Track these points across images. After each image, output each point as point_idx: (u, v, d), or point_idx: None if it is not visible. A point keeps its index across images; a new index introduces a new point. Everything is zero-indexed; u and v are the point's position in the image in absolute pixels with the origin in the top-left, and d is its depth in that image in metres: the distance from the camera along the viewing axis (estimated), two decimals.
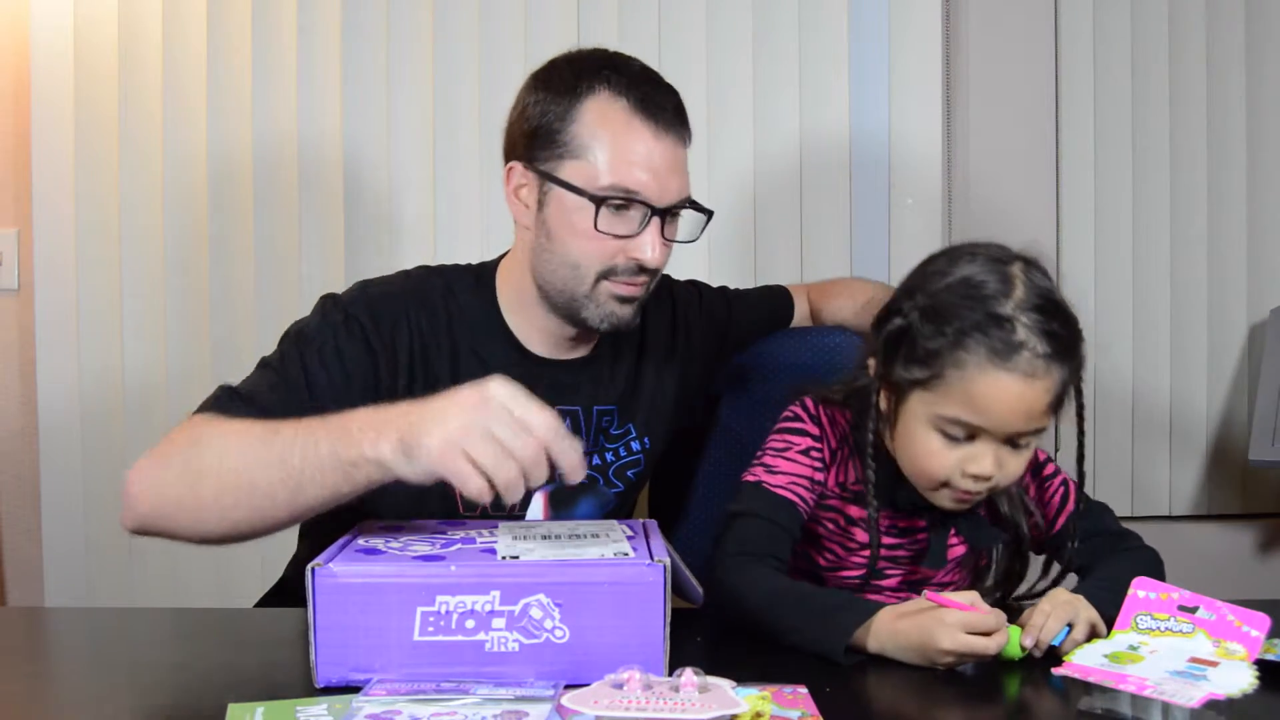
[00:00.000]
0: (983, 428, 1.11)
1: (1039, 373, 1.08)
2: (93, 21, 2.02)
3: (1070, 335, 1.11)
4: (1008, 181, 2.09)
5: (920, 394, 1.13)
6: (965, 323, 1.09)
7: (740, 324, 1.59)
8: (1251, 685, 0.92)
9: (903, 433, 1.16)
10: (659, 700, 0.84)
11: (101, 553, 2.06)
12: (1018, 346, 1.08)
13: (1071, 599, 1.06)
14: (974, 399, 1.09)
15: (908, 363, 1.13)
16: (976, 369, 1.08)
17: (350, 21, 2.04)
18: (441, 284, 1.36)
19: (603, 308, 1.30)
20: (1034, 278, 1.12)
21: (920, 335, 1.12)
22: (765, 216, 2.10)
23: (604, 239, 1.26)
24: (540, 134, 1.28)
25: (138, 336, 2.06)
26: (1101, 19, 2.14)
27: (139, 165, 2.04)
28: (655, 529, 1.10)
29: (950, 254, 1.17)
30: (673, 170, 1.28)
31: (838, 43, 2.09)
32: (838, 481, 1.25)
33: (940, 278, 1.14)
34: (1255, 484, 2.19)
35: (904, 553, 1.25)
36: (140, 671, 1.06)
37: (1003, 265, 1.12)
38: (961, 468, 1.13)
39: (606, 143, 1.25)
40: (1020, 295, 1.10)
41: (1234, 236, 2.17)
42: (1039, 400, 1.10)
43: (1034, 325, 1.08)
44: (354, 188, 2.06)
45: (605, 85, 1.27)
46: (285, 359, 1.27)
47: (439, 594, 0.93)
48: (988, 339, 1.08)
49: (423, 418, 1.01)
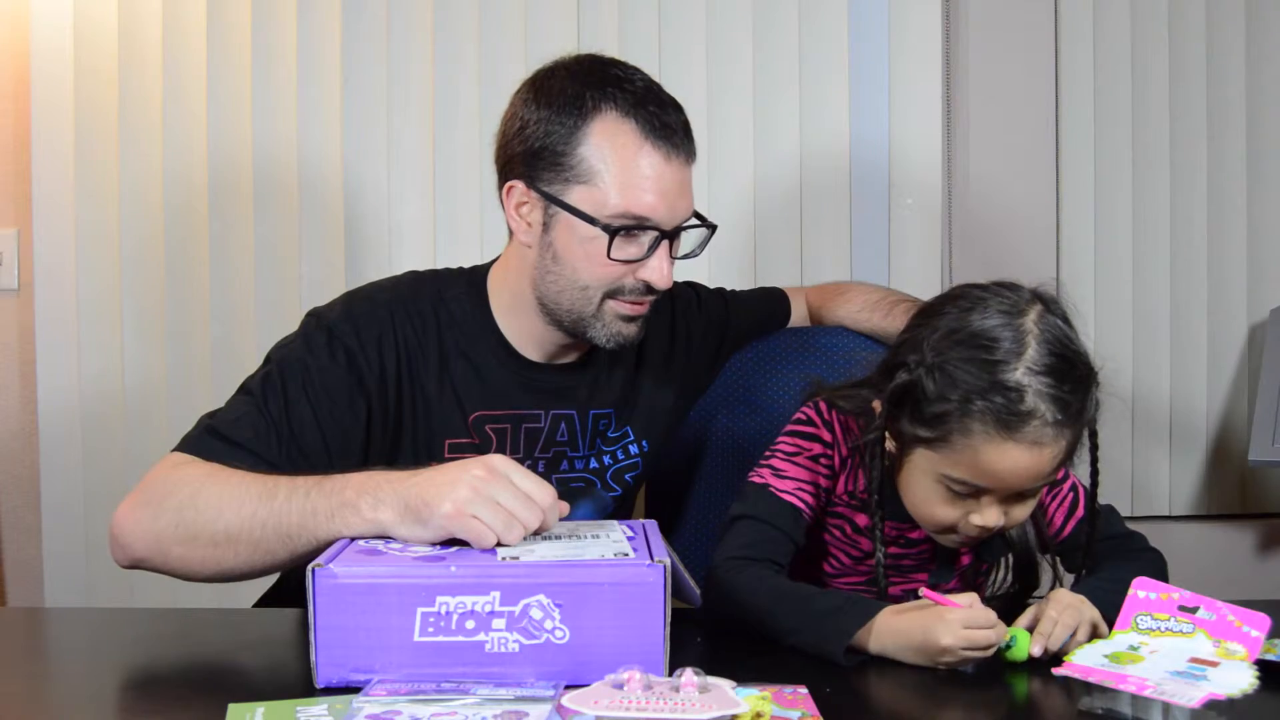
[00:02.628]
0: (988, 489, 1.10)
1: (1047, 440, 1.06)
2: (93, 21, 2.02)
3: (1082, 395, 1.08)
4: (1008, 182, 2.09)
5: (925, 451, 1.11)
6: (973, 389, 1.06)
7: (738, 325, 1.59)
8: (1251, 685, 0.92)
9: (907, 480, 1.15)
10: (659, 700, 0.84)
11: (101, 553, 2.03)
12: (1026, 417, 1.05)
13: (1075, 601, 1.06)
14: (980, 465, 1.08)
15: (913, 421, 1.11)
16: (983, 438, 1.06)
17: (350, 22, 2.04)
18: (432, 290, 1.35)
19: (609, 327, 1.30)
20: (1047, 329, 1.08)
21: (926, 396, 1.09)
22: (766, 221, 2.10)
23: (614, 265, 1.25)
24: (544, 155, 1.26)
25: (138, 336, 2.06)
26: (1101, 19, 2.14)
27: (139, 165, 2.04)
28: (655, 529, 1.10)
29: (960, 300, 1.13)
30: (681, 192, 1.27)
31: (838, 48, 2.09)
32: (846, 489, 1.24)
33: (949, 333, 1.10)
34: (1255, 484, 2.19)
35: (909, 562, 1.25)
36: (140, 671, 1.06)
37: (1015, 318, 1.09)
38: (966, 518, 1.12)
39: (617, 168, 1.24)
40: (1031, 356, 1.06)
41: (1234, 236, 2.17)
42: (1046, 464, 1.08)
43: (1044, 391, 1.05)
44: (354, 188, 2.06)
45: (612, 105, 1.24)
46: (268, 391, 1.25)
47: (439, 594, 0.93)
48: (994, 410, 1.05)
49: (433, 487, 1.04)
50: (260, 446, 1.21)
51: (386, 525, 1.05)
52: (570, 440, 1.38)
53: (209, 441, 1.21)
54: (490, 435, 1.33)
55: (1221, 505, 2.20)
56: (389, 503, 1.05)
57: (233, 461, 1.18)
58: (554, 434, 1.36)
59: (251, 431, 1.22)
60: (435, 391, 1.32)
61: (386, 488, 1.06)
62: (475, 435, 1.33)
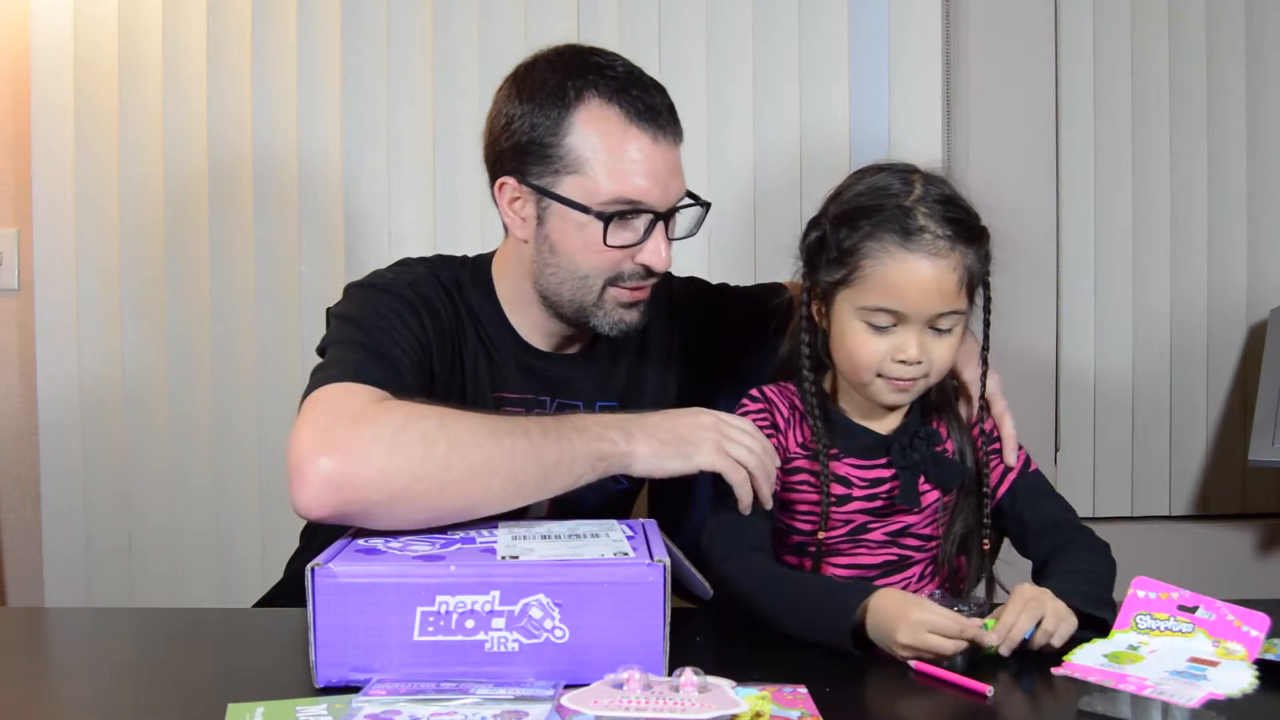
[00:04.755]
0: (902, 312, 1.19)
1: (943, 252, 1.18)
2: (93, 21, 2.02)
3: (970, 222, 1.21)
4: (1008, 181, 2.09)
5: (844, 293, 1.22)
6: (873, 218, 1.20)
7: (740, 322, 1.58)
8: (1251, 685, 0.92)
9: (835, 335, 1.24)
10: (659, 700, 0.84)
11: (101, 553, 2.06)
12: (920, 230, 1.18)
13: (1036, 594, 1.07)
14: (888, 284, 1.18)
15: (828, 265, 1.23)
16: (886, 255, 1.18)
17: (350, 21, 2.04)
18: (450, 276, 1.36)
19: (610, 315, 1.31)
20: (933, 182, 1.23)
21: (835, 238, 1.22)
22: (765, 216, 2.10)
23: (611, 251, 1.26)
24: (532, 149, 1.26)
25: (138, 336, 2.06)
26: (1101, 19, 2.14)
27: (139, 165, 2.04)
28: (655, 529, 1.10)
29: (859, 172, 1.27)
30: (672, 172, 1.28)
31: (838, 42, 2.09)
32: (797, 443, 1.29)
33: (849, 189, 1.25)
34: (1255, 484, 2.19)
35: (880, 503, 1.27)
36: (140, 671, 1.06)
37: (906, 172, 1.23)
38: (890, 355, 1.20)
39: (605, 154, 1.24)
40: (919, 192, 1.20)
41: (1234, 236, 2.18)
42: (946, 278, 1.18)
43: (933, 213, 1.19)
44: (354, 188, 2.06)
45: (594, 91, 1.25)
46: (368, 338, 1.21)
47: (439, 594, 0.93)
48: (893, 226, 1.18)
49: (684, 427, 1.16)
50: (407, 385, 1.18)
51: (639, 457, 1.14)
52: None
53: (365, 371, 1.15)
54: None
55: (1221, 505, 2.20)
56: (640, 437, 1.14)
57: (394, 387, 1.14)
58: None
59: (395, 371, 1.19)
60: (470, 365, 1.33)
61: (633, 425, 1.16)
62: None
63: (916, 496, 1.27)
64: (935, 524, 1.30)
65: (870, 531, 1.28)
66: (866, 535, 1.28)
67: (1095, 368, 2.18)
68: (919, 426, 1.28)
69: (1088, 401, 2.18)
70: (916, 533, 1.29)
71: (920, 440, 1.27)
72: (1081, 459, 2.18)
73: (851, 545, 1.28)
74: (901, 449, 1.27)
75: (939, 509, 1.30)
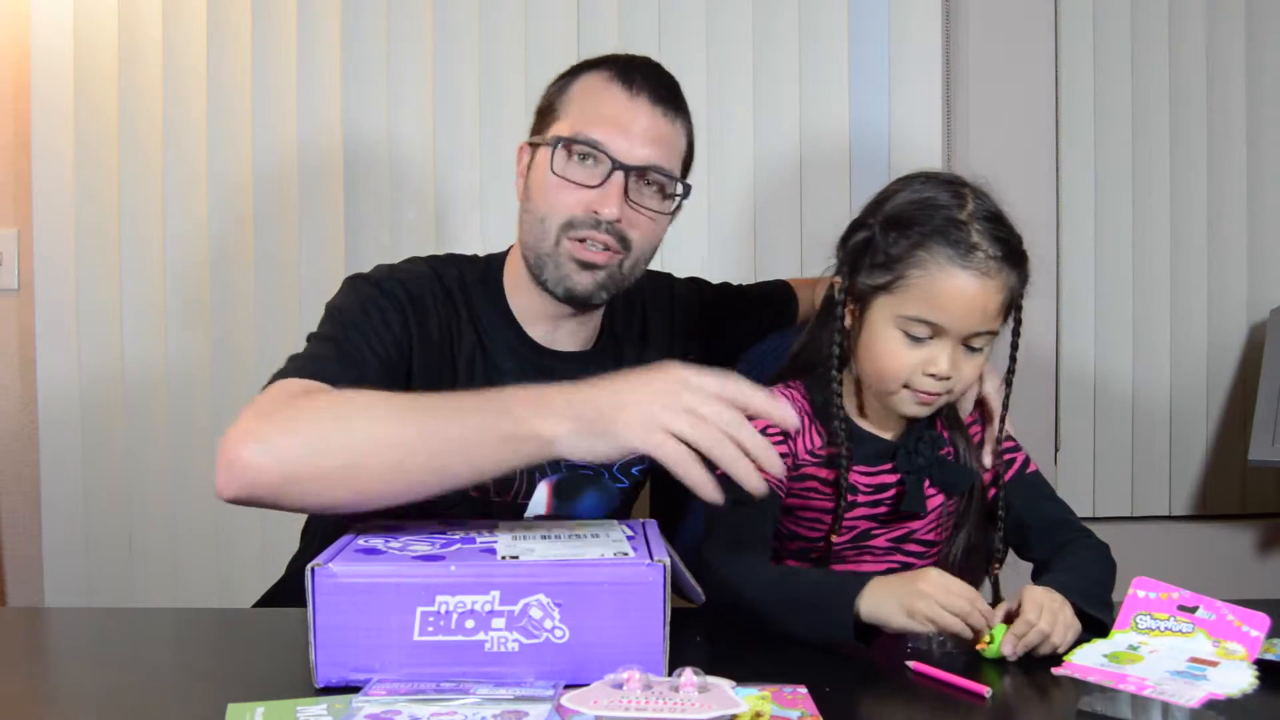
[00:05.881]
0: (942, 325, 1.18)
1: (992, 273, 1.17)
2: (93, 21, 2.02)
3: (1017, 245, 1.21)
4: (1008, 181, 2.08)
5: (884, 298, 1.21)
6: (926, 227, 1.18)
7: (743, 322, 1.58)
8: (1251, 685, 0.93)
9: (866, 340, 1.23)
10: (659, 700, 0.84)
11: (101, 553, 2.06)
12: (973, 247, 1.17)
13: (1053, 604, 1.06)
14: (934, 296, 1.17)
15: (872, 269, 1.22)
16: (936, 267, 1.17)
17: (350, 21, 2.04)
18: (456, 274, 1.37)
19: (562, 268, 1.30)
20: (982, 199, 1.22)
21: (883, 243, 1.21)
22: (765, 215, 2.10)
23: (564, 186, 1.28)
24: (540, 114, 1.36)
25: (138, 336, 2.06)
26: (1101, 19, 2.14)
27: (139, 165, 2.04)
28: (655, 529, 1.10)
29: (906, 179, 1.26)
30: (646, 133, 1.29)
31: (838, 42, 2.09)
32: (806, 449, 1.28)
33: (898, 196, 1.24)
34: (1255, 484, 2.19)
35: (885, 509, 1.27)
36: (140, 671, 1.06)
37: (955, 185, 1.23)
38: (921, 368, 1.20)
39: (582, 100, 1.31)
40: (972, 208, 1.19)
41: (1234, 236, 2.18)
42: (992, 299, 1.18)
43: (986, 231, 1.18)
44: (354, 188, 2.06)
45: (600, 66, 1.33)
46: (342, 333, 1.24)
47: (439, 594, 0.93)
48: (946, 240, 1.17)
49: (613, 399, 0.98)
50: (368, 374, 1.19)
51: (560, 438, 0.99)
52: None
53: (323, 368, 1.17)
54: None
55: (1221, 505, 2.20)
56: (561, 413, 0.99)
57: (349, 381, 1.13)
58: None
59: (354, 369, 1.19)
60: (465, 365, 1.33)
61: (559, 399, 1.00)
62: None
63: (922, 503, 1.27)
64: (938, 529, 1.30)
65: (874, 538, 1.28)
66: (870, 542, 1.28)
67: (1095, 368, 2.18)
68: (923, 430, 1.28)
69: (1088, 401, 2.18)
70: (920, 538, 1.29)
71: (925, 444, 1.26)
72: (1081, 459, 2.18)
73: (855, 552, 1.28)
74: (906, 454, 1.26)
75: (942, 514, 1.30)
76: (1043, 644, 1.04)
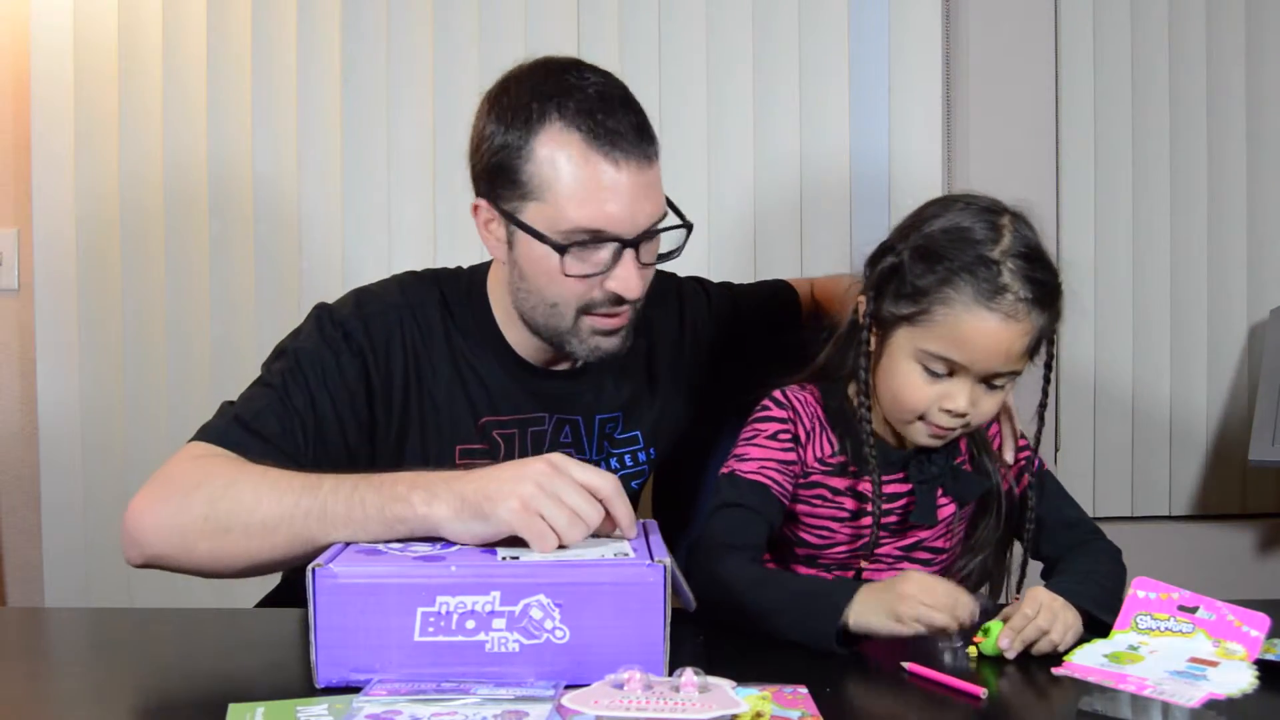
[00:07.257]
0: (962, 365, 1.15)
1: (1020, 315, 1.14)
2: (93, 21, 2.02)
3: (1051, 285, 1.17)
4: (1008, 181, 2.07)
5: (907, 329, 1.17)
6: (955, 263, 1.14)
7: (749, 323, 1.56)
8: (1251, 685, 0.93)
9: (886, 367, 1.20)
10: (659, 700, 0.84)
11: (101, 553, 2.06)
12: (1002, 289, 1.13)
13: (1053, 602, 1.06)
14: (957, 336, 1.14)
15: (897, 298, 1.18)
16: (962, 307, 1.14)
17: (350, 21, 2.04)
18: (436, 295, 1.34)
19: (587, 342, 1.27)
20: (1021, 230, 1.18)
21: (911, 273, 1.17)
22: (766, 231, 2.10)
23: (575, 280, 1.22)
24: (500, 172, 1.23)
25: (138, 337, 2.06)
26: (1101, 19, 2.14)
27: (139, 165, 2.04)
28: (655, 529, 1.10)
29: (944, 201, 1.22)
30: (641, 196, 1.21)
31: (837, 45, 2.09)
32: (816, 457, 1.27)
33: (933, 221, 1.19)
34: (1255, 484, 2.19)
35: (894, 518, 1.26)
36: (140, 671, 1.06)
37: (993, 215, 1.18)
38: (938, 402, 1.17)
39: (564, 182, 1.19)
40: (1007, 243, 1.15)
41: (1234, 236, 2.17)
42: (1017, 342, 1.15)
43: (1019, 271, 1.14)
44: (354, 188, 2.06)
45: (557, 114, 1.20)
46: (290, 384, 1.24)
47: (439, 594, 0.93)
48: (975, 279, 1.13)
49: (494, 483, 1.03)
50: (286, 442, 1.20)
51: (439, 521, 1.04)
52: (575, 443, 1.37)
53: (235, 432, 1.20)
54: (499, 441, 1.33)
55: (1221, 505, 2.20)
56: (444, 498, 1.04)
57: (259, 455, 1.16)
58: (558, 437, 1.36)
59: (278, 425, 1.21)
60: (445, 398, 1.31)
61: (440, 484, 1.05)
62: (485, 441, 1.32)
63: (933, 514, 1.25)
64: (947, 536, 1.29)
65: (883, 547, 1.27)
66: (879, 550, 1.26)
67: (1095, 368, 2.18)
68: None
69: (1088, 401, 2.18)
70: (929, 545, 1.28)
71: (939, 453, 1.25)
72: (1081, 459, 2.18)
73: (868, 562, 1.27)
74: (919, 464, 1.25)
75: (953, 521, 1.29)
76: (1041, 641, 1.04)
